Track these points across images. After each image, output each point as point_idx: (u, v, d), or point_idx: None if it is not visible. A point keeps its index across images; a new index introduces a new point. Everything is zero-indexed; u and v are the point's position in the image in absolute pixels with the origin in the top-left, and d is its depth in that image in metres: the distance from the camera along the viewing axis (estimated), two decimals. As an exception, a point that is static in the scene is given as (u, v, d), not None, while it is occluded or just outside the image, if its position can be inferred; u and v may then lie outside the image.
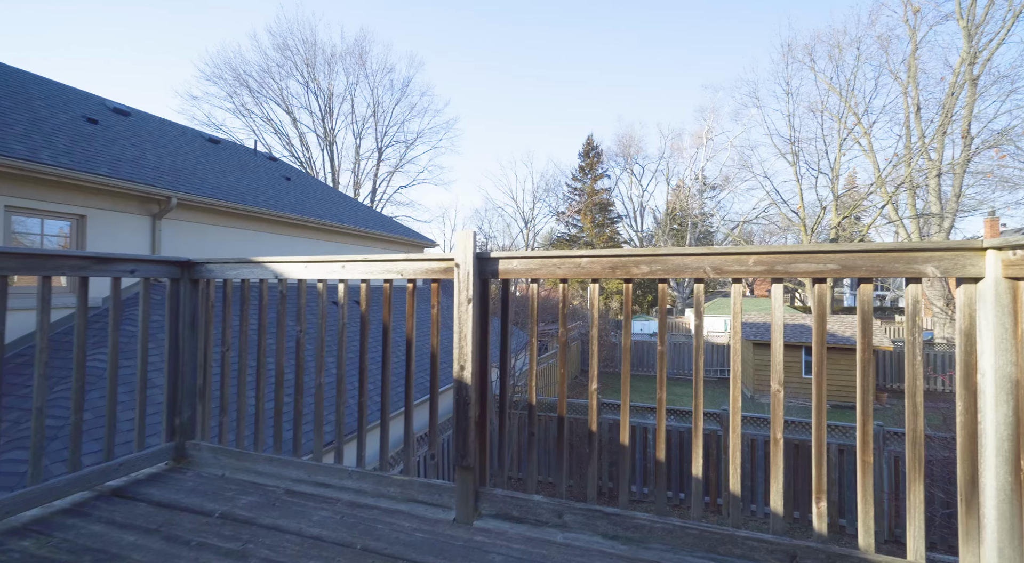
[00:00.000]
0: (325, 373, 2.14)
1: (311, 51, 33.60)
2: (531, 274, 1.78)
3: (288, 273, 2.17)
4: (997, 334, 1.26)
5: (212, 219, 7.70)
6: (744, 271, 1.53)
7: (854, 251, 1.41)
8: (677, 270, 1.60)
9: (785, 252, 1.48)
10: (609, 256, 1.68)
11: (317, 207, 11.16)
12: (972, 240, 1.32)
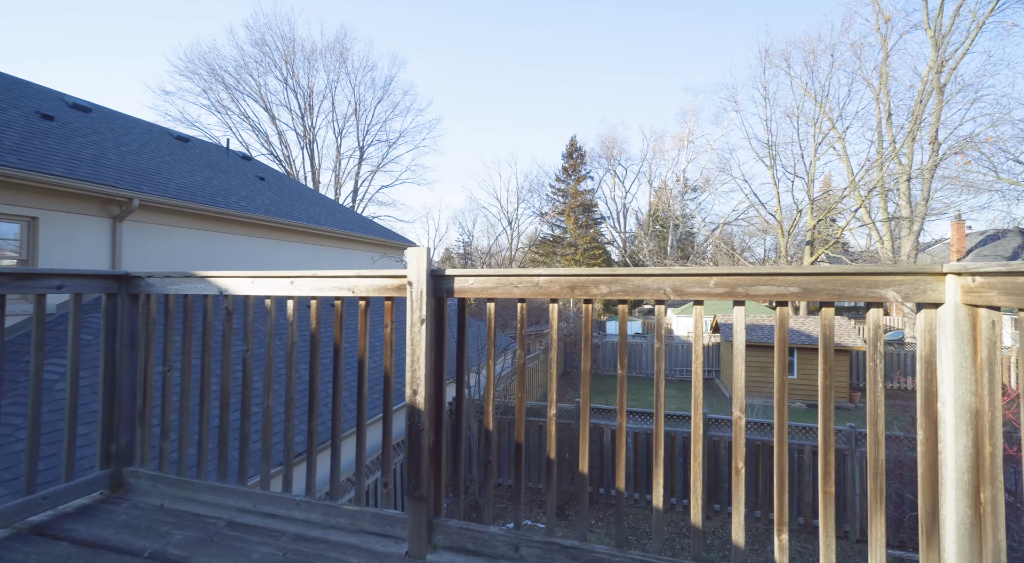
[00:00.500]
0: (273, 395, 2.01)
1: (290, 47, 32.93)
2: (487, 293, 1.69)
3: (233, 289, 2.03)
4: (957, 362, 1.22)
5: (178, 221, 7.41)
6: (705, 293, 1.47)
7: (815, 274, 1.37)
8: (637, 291, 1.53)
9: (746, 274, 1.43)
10: (568, 275, 1.60)
11: (293, 208, 10.87)
12: (932, 265, 1.28)
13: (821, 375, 1.42)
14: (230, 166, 10.86)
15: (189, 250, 7.55)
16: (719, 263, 44.48)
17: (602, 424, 8.87)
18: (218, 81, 30.64)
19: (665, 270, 1.50)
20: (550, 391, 1.67)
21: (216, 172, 9.76)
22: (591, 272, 1.57)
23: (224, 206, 8.11)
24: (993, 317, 1.17)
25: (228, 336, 2.07)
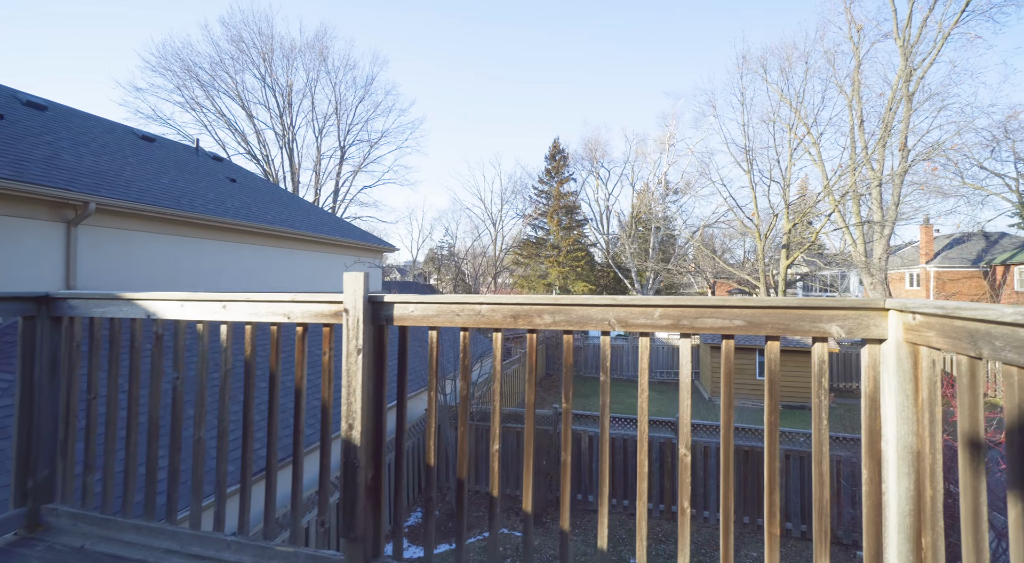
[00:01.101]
0: (206, 426, 1.88)
1: (268, 45, 32.23)
2: (429, 322, 1.60)
3: (162, 312, 1.89)
4: (899, 401, 1.18)
5: (141, 225, 7.11)
6: (650, 325, 1.41)
7: (761, 307, 1.32)
8: (581, 322, 1.46)
9: (692, 305, 1.37)
10: (511, 304, 1.52)
11: (265, 211, 10.58)
12: (875, 300, 1.24)
13: (767, 410, 1.37)
14: (199, 167, 10.51)
15: (152, 256, 7.25)
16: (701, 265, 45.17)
17: (580, 430, 8.85)
18: (192, 78, 29.81)
19: (610, 300, 1.43)
20: (493, 425, 1.59)
21: (184, 173, 9.42)
22: (535, 300, 1.50)
23: (191, 209, 7.83)
24: (934, 356, 1.14)
25: (158, 363, 1.93)
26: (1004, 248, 27.44)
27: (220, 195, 9.66)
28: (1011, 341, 0.85)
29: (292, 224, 10.71)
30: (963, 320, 0.97)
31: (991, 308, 0.91)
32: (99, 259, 6.54)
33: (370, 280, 9.60)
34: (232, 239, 8.97)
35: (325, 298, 1.69)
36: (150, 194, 7.35)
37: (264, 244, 9.90)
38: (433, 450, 1.61)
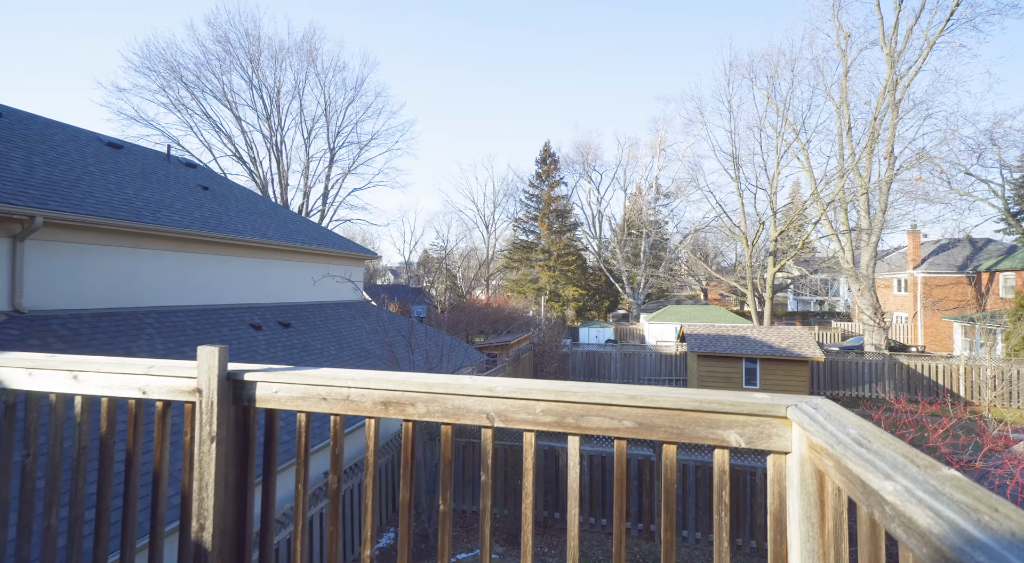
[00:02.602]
0: (58, 511, 1.65)
1: (255, 45, 31.87)
2: (295, 405, 1.40)
3: (8, 380, 1.67)
4: (803, 529, 0.99)
5: (97, 239, 6.83)
6: (531, 421, 1.22)
7: (653, 408, 1.13)
8: (457, 413, 1.27)
9: (577, 402, 1.18)
10: (382, 389, 1.32)
11: (238, 220, 10.31)
12: (776, 405, 1.06)
13: (663, 527, 1.18)
14: (169, 175, 10.21)
15: (108, 270, 6.97)
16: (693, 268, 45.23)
17: (557, 446, 8.66)
18: (177, 78, 29.40)
19: (488, 390, 1.24)
20: (365, 527, 1.38)
21: (150, 182, 9.14)
22: (407, 386, 1.30)
23: (153, 221, 7.55)
24: (839, 483, 0.95)
25: (8, 438, 1.70)
26: (990, 254, 27.64)
27: (189, 205, 9.38)
28: (899, 517, 0.66)
29: (265, 234, 10.44)
30: (852, 467, 0.78)
31: (882, 463, 0.72)
32: (49, 274, 6.26)
33: (346, 289, 9.26)
34: (199, 250, 8.70)
35: (183, 372, 1.48)
36: (108, 206, 7.07)
37: (235, 255, 9.63)
38: (301, 552, 1.40)
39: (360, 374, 1.39)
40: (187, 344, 7.38)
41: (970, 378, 16.94)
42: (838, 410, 1.00)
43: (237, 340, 8.35)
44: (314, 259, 12.06)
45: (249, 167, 34.04)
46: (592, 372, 20.84)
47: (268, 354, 8.52)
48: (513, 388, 1.23)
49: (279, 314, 10.40)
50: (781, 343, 16.27)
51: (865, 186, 21.42)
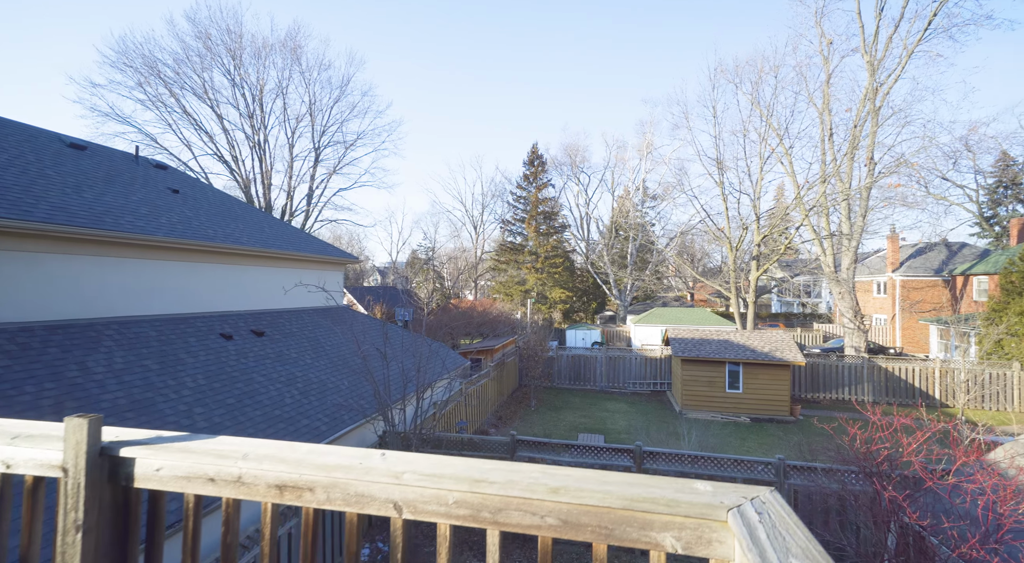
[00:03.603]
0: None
1: (237, 42, 31.17)
2: (180, 486, 1.21)
3: None
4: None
5: (51, 246, 6.48)
6: (444, 513, 1.05)
7: (578, 504, 0.97)
8: (361, 501, 1.09)
9: (495, 493, 1.01)
10: (276, 470, 1.14)
11: (210, 225, 9.96)
12: (715, 507, 0.90)
13: (591, 641, 1.02)
14: (136, 177, 9.81)
15: (60, 281, 6.61)
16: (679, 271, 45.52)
17: (537, 457, 8.51)
18: (155, 74, 28.58)
19: (395, 476, 1.07)
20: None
21: (114, 185, 8.75)
22: (303, 468, 1.12)
23: (114, 227, 7.21)
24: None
25: None
26: (964, 258, 28.28)
27: (156, 209, 9.01)
28: None
29: (239, 239, 10.11)
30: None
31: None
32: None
33: (324, 295, 8.93)
34: (166, 257, 8.36)
35: (51, 443, 1.27)
36: (64, 211, 6.72)
37: (206, 261, 9.30)
38: (186, 654, 1.21)
39: (257, 448, 1.20)
40: (149, 357, 7.06)
41: (945, 381, 17.25)
42: (785, 518, 0.86)
43: (205, 351, 8.04)
44: (291, 264, 11.74)
45: (231, 166, 33.31)
46: (577, 376, 20.78)
47: (239, 365, 8.22)
48: (424, 473, 1.06)
49: (253, 322, 10.07)
50: (763, 347, 16.37)
51: (846, 191, 21.72)
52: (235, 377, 7.84)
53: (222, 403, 6.99)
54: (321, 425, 7.92)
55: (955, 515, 4.80)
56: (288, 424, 7.45)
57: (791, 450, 11.78)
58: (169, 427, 5.97)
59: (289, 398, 8.15)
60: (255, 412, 7.24)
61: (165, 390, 6.57)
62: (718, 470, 7.75)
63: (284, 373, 8.82)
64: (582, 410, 17.19)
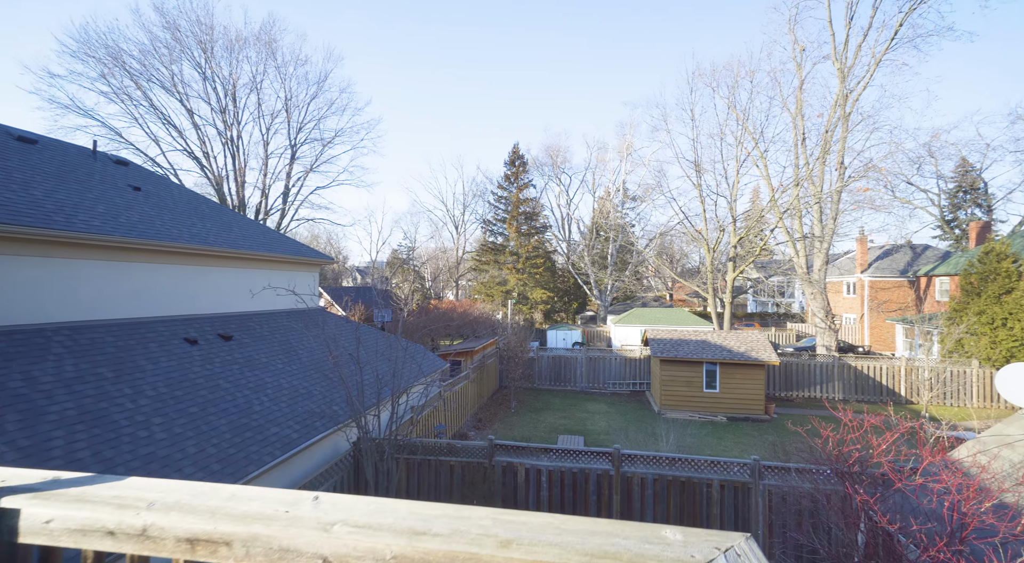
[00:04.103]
0: None
1: (207, 34, 30.11)
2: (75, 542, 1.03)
3: None
4: None
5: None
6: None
7: (534, 562, 0.85)
8: (285, 558, 0.94)
9: (440, 549, 0.89)
10: (187, 523, 0.98)
11: (174, 224, 9.51)
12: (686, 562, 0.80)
13: None
14: (93, 174, 9.29)
15: (6, 283, 6.18)
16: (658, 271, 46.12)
17: (516, 462, 8.40)
18: (119, 66, 27.35)
19: (324, 527, 0.93)
20: None
21: (67, 182, 8.25)
22: (219, 520, 0.97)
23: (65, 226, 6.78)
24: None
25: None
26: (928, 259, 29.47)
27: (115, 207, 8.55)
28: None
29: (206, 239, 9.69)
30: None
31: None
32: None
33: (301, 294, 8.62)
34: (125, 258, 7.93)
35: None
36: (6, 209, 6.28)
37: (170, 262, 8.87)
38: None
39: (168, 493, 1.04)
40: (104, 364, 6.66)
41: (910, 379, 17.90)
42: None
43: (167, 357, 7.65)
44: (262, 265, 11.33)
45: (201, 163, 32.18)
46: (558, 377, 20.79)
47: (203, 371, 7.85)
48: (358, 525, 0.92)
49: (220, 326, 9.67)
50: (739, 347, 16.66)
51: (818, 195, 22.34)
52: (199, 384, 7.48)
53: (184, 412, 6.65)
54: (292, 433, 7.63)
55: (923, 515, 4.89)
56: (256, 433, 7.15)
57: (766, 449, 12.00)
58: (124, 439, 5.63)
59: (258, 405, 7.83)
60: (220, 421, 6.91)
61: (121, 399, 6.21)
62: (695, 472, 7.78)
63: (253, 379, 8.48)
64: (562, 411, 17.18)
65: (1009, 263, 17.58)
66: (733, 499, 7.63)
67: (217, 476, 5.91)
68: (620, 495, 7.95)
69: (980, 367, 17.23)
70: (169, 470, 5.58)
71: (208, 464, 6.03)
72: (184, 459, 5.86)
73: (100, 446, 5.30)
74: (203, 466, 5.95)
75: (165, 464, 5.60)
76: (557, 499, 8.16)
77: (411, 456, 8.57)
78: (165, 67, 29.02)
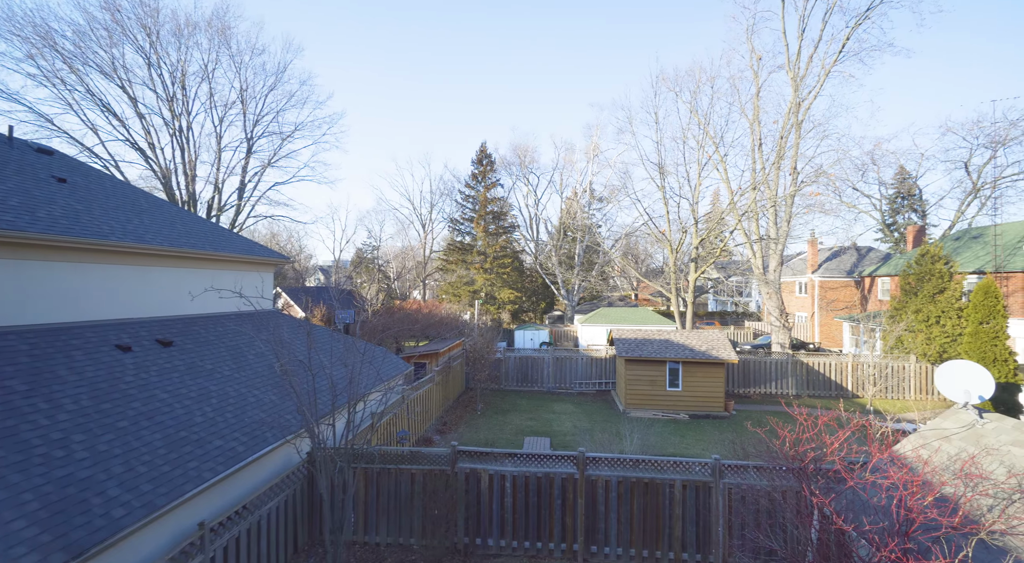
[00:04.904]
0: None
1: (152, 16, 28.14)
2: None
3: None
4: None
5: None
6: None
7: None
8: None
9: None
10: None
11: (105, 220, 8.70)
12: None
13: None
14: (7, 163, 8.32)
15: None
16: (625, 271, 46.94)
17: (479, 468, 8.17)
18: (49, 46, 25.09)
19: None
20: None
21: (-25, 172, 7.36)
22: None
23: (-32, 221, 6.01)
24: None
25: None
26: (871, 261, 31.37)
27: (33, 200, 7.71)
28: None
29: (143, 236, 8.93)
30: None
31: None
32: None
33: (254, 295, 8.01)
34: (44, 257, 7.15)
35: None
36: None
37: (100, 261, 8.09)
38: None
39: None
40: (16, 376, 5.96)
41: (856, 374, 18.93)
42: None
43: (94, 366, 6.95)
44: (209, 265, 10.59)
45: (146, 154, 30.07)
46: (525, 378, 20.70)
47: (137, 381, 7.19)
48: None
49: (159, 330, 8.93)
50: (701, 346, 17.09)
51: (773, 198, 23.29)
52: (132, 395, 6.84)
53: (111, 427, 6.03)
54: (238, 446, 7.10)
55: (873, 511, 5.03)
56: (197, 447, 6.59)
57: (726, 447, 12.30)
58: (36, 461, 5.02)
59: (200, 416, 7.24)
60: (154, 435, 6.33)
61: (34, 415, 5.55)
62: (658, 473, 7.81)
63: (196, 388, 7.86)
64: (529, 413, 17.08)
65: (942, 265, 18.89)
66: (695, 499, 7.70)
67: (148, 496, 5.37)
68: (585, 499, 7.88)
69: (917, 362, 18.43)
70: (90, 494, 5.01)
71: (137, 484, 5.48)
72: (109, 480, 5.29)
73: (3, 471, 4.68)
74: (131, 487, 5.39)
75: (85, 487, 5.03)
76: (522, 506, 8.00)
77: (369, 465, 8.19)
78: (104, 50, 26.93)
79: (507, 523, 8.04)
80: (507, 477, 8.06)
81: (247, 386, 8.70)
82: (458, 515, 8.07)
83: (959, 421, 6.75)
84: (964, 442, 6.30)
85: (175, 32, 29.54)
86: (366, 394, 7.75)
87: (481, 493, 8.13)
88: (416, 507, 8.12)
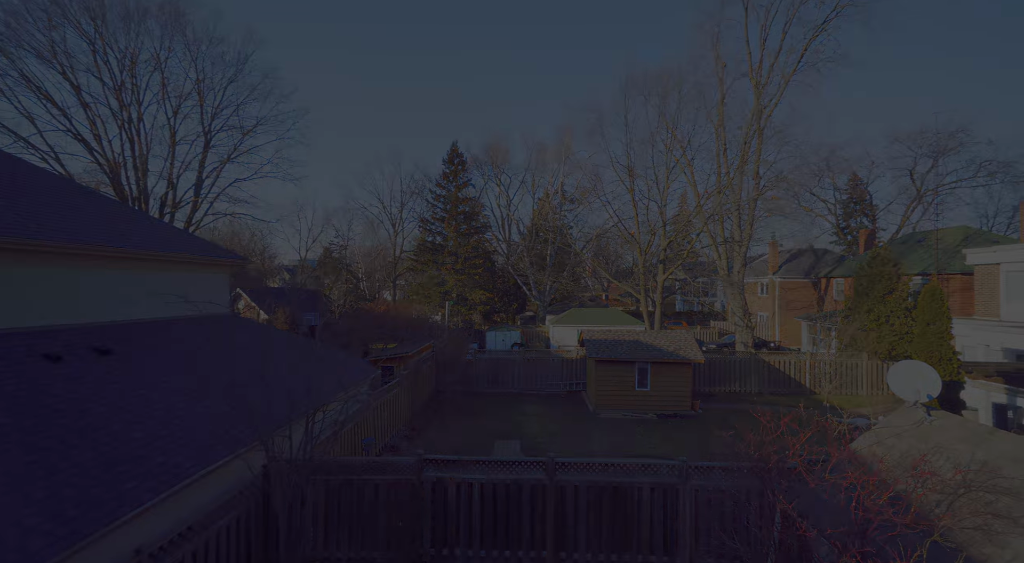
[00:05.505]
0: None
1: None
2: None
3: None
4: None
5: None
6: None
7: None
8: None
9: None
10: None
11: (31, 217, 7.94)
12: None
13: None
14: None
15: None
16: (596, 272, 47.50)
17: (446, 476, 7.93)
18: (-24, 26, 22.97)
19: None
20: None
21: None
22: None
23: None
24: None
25: None
26: (827, 263, 32.90)
27: (-56, 194, 6.93)
28: None
29: (76, 235, 8.21)
30: None
31: None
32: None
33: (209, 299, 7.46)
34: (-43, 258, 6.42)
35: None
36: None
37: (23, 263, 7.37)
38: None
39: None
40: (-82, 392, 5.28)
41: (814, 371, 19.74)
42: None
43: (15, 379, 6.29)
44: (157, 267, 9.88)
45: (91, 146, 28.07)
46: (496, 380, 20.50)
47: (67, 394, 6.56)
48: None
49: (97, 337, 8.23)
50: (669, 347, 17.37)
51: (737, 201, 24.03)
52: (60, 410, 6.22)
53: (33, 447, 5.45)
54: (184, 461, 6.59)
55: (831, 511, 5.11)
56: (136, 465, 6.05)
57: (693, 447, 12.50)
58: (-62, 489, 4.43)
59: (141, 432, 6.67)
60: (85, 454, 5.76)
61: (-61, 437, 4.93)
62: (627, 476, 7.78)
63: (137, 400, 7.26)
64: (500, 416, 16.90)
65: (891, 267, 19.95)
66: (663, 501, 7.71)
67: (74, 524, 4.86)
68: (554, 505, 7.77)
69: (869, 360, 19.37)
70: (4, 524, 4.48)
71: (63, 510, 4.95)
72: (28, 507, 4.75)
73: None
74: (55, 514, 4.86)
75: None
76: (490, 515, 7.81)
77: (330, 477, 7.80)
78: (42, 33, 24.96)
79: (475, 532, 7.83)
80: (475, 485, 7.85)
81: (196, 396, 8.12)
82: (424, 526, 7.80)
83: (909, 418, 7.03)
84: (914, 439, 6.55)
85: (123, 17, 27.75)
86: (326, 403, 7.38)
87: (448, 502, 7.89)
88: (380, 519, 7.80)
